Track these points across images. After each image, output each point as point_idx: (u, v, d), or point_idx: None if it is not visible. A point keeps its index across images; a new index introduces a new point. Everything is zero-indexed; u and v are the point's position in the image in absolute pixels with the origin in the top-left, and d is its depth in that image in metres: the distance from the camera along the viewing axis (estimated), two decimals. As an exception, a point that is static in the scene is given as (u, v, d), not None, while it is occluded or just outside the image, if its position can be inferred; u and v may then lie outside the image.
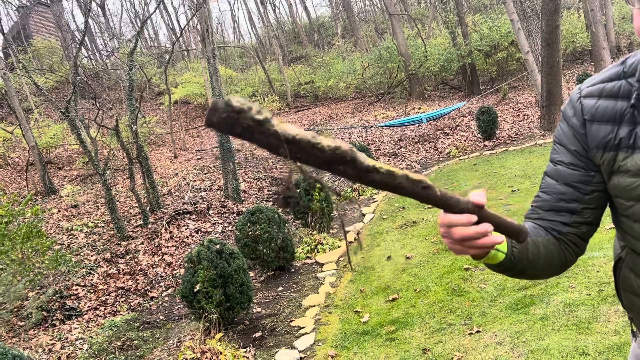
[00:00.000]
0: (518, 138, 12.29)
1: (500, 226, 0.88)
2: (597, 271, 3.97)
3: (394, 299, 4.59)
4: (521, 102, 16.18)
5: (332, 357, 3.80)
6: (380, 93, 21.16)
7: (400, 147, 13.79)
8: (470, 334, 3.60)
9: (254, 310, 5.11)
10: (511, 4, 12.45)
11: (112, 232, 8.99)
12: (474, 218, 0.83)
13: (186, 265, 4.76)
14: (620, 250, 1.24)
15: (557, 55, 11.01)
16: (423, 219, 7.06)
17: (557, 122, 11.26)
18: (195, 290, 4.57)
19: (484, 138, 12.76)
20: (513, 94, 17.45)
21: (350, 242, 6.86)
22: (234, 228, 8.18)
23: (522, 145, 11.25)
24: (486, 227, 0.85)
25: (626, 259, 1.21)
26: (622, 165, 1.06)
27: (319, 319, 4.59)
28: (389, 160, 12.82)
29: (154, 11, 11.83)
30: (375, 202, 9.02)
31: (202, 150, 14.69)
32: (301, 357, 3.92)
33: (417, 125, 14.76)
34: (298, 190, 7.18)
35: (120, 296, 7.24)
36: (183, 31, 23.76)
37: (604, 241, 4.50)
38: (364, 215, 8.23)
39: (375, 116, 17.72)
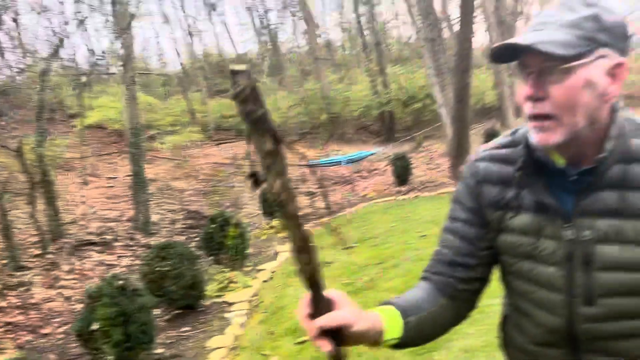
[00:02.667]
0: (430, 185, 12.88)
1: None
2: (495, 318, 4.17)
3: (303, 342, 4.54)
4: (434, 151, 17.06)
5: (235, 402, 3.68)
6: (302, 133, 21.51)
7: (319, 187, 13.98)
8: (375, 378, 3.63)
9: (156, 351, 4.86)
10: (428, 60, 13.26)
11: (4, 262, 8.29)
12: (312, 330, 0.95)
13: (85, 300, 4.46)
14: (506, 308, 1.31)
15: (466, 111, 11.77)
16: (336, 259, 7.13)
17: (466, 172, 11.95)
18: (92, 328, 4.28)
19: (399, 183, 13.26)
20: (427, 143, 18.37)
21: (264, 280, 6.77)
22: (141, 262, 7.82)
23: (433, 192, 11.79)
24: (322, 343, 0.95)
25: (511, 317, 1.28)
26: (509, 224, 1.13)
27: (225, 361, 4.45)
28: (307, 199, 12.93)
29: (74, 32, 11.38)
30: (290, 241, 9.01)
31: (114, 177, 14.07)
32: (202, 402, 3.76)
33: (336, 166, 15.09)
34: (213, 226, 7.05)
35: (8, 332, 6.63)
36: (103, 54, 23.01)
37: (500, 289, 4.75)
38: (278, 253, 8.19)
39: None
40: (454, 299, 1.22)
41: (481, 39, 32.70)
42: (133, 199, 9.52)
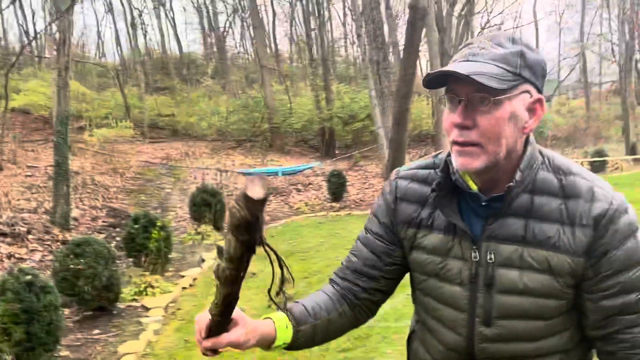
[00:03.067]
0: (362, 204, 13.06)
1: None
2: (412, 339, 4.23)
3: (219, 352, 4.41)
4: (369, 171, 17.37)
5: (140, 412, 3.49)
6: (242, 139, 21.28)
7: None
8: (289, 394, 3.56)
9: (60, 354, 4.55)
10: (372, 81, 13.53)
11: None
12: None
13: (-15, 295, 4.11)
14: (414, 324, 1.35)
15: (404, 135, 12.07)
16: (263, 270, 7.03)
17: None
18: (-10, 325, 3.95)
19: (333, 199, 13.35)
20: (363, 163, 18.68)
21: (184, 287, 6.55)
22: (54, 258, 7.36)
23: (365, 211, 11.95)
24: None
25: (418, 332, 1.32)
26: (421, 242, 1.19)
27: (134, 368, 4.23)
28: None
29: (6, 7, 10.72)
30: (217, 248, 8.80)
31: (34, 166, 13.26)
32: (105, 411, 3.55)
33: (273, 177, 14.99)
34: (136, 227, 6.76)
35: None
36: (37, 36, 21.82)
37: (421, 311, 4.84)
38: (203, 260, 7.97)
39: (233, 162, 17.67)
40: (353, 307, 1.28)
41: (424, 67, 33.86)
42: (53, 190, 8.97)
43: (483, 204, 1.10)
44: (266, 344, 1.13)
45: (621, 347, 1.08)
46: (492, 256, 1.08)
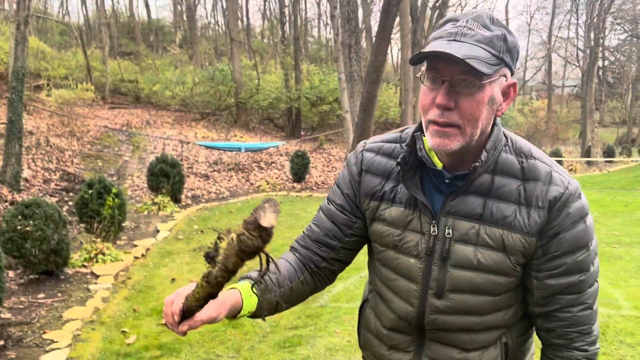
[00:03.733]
0: (324, 186, 13.11)
1: None
2: (361, 321, 4.30)
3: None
4: (333, 155, 17.40)
5: (82, 378, 3.44)
6: (206, 112, 20.91)
7: (214, 171, 13.66)
8: (235, 367, 3.58)
9: (2, 316, 4.42)
10: (342, 64, 13.48)
11: None
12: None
13: None
14: (368, 292, 1.38)
15: (370, 121, 12.13)
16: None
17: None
18: None
19: (294, 180, 13.34)
20: (328, 146, 18.69)
21: (136, 257, 6.45)
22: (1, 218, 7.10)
23: (326, 193, 12.00)
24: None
25: (371, 300, 1.35)
26: (382, 214, 1.21)
27: (79, 334, 4.15)
28: (200, 180, 12.57)
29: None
30: (174, 220, 8.69)
31: (-13, 123, 12.67)
32: (45, 376, 3.48)
33: (235, 152, 14.83)
34: (90, 192, 6.58)
35: None
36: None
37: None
38: (158, 231, 7.86)
39: (196, 134, 17.38)
40: (313, 275, 1.30)
41: (395, 56, 34.00)
42: (4, 149, 8.61)
43: (446, 181, 1.13)
44: (233, 313, 1.13)
45: (560, 324, 1.14)
46: (450, 231, 1.12)
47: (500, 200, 1.09)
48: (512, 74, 1.09)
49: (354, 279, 5.46)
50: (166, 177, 9.72)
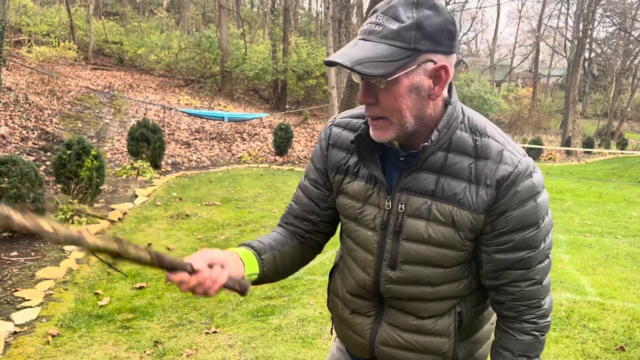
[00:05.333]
0: (305, 161, 13.10)
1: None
2: (334, 294, 4.37)
3: (141, 287, 4.39)
4: (317, 130, 17.34)
5: (53, 336, 3.44)
6: (191, 79, 20.60)
7: (196, 139, 13.54)
8: (207, 333, 3.62)
9: (-27, 272, 4.38)
10: (330, 39, 13.35)
11: None
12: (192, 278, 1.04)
13: None
14: (338, 258, 1.46)
15: (355, 98, 12.10)
16: (197, 214, 6.98)
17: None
18: None
19: (277, 153, 13.30)
20: (312, 121, 18.62)
21: (113, 220, 6.41)
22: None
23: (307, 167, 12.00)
24: (211, 282, 1.06)
25: (338, 267, 1.43)
26: (345, 187, 1.26)
27: (51, 294, 4.14)
28: (180, 147, 12.46)
29: None
30: (153, 186, 8.63)
31: (-37, 76, 12.31)
32: (16, 332, 3.47)
33: (218, 122, 14.69)
34: (69, 152, 6.49)
35: None
36: None
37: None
38: (136, 196, 7.80)
39: (179, 100, 17.14)
40: (302, 243, 1.39)
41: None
42: (-19, 103, 8.40)
43: (401, 158, 1.18)
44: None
45: (509, 298, 1.19)
46: (403, 206, 1.16)
47: (452, 178, 1.12)
48: (447, 54, 1.06)
49: (329, 253, 5.52)
50: (146, 142, 9.61)
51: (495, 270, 1.17)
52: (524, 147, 18.54)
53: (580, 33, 24.94)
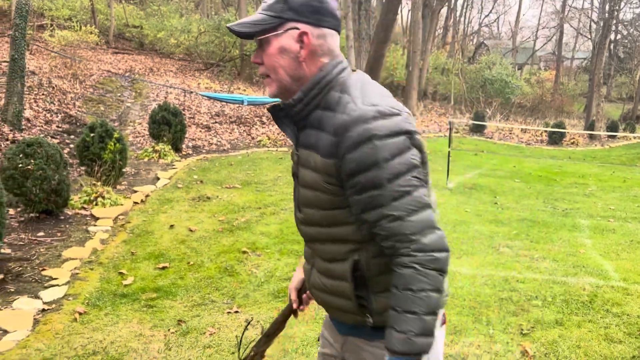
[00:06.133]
0: (324, 145, 13.06)
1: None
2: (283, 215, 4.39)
3: (164, 267, 4.47)
4: (336, 113, 17.25)
5: (80, 313, 3.53)
6: (210, 63, 20.63)
7: (216, 122, 13.60)
8: (229, 313, 3.68)
9: (2, 251, 4.49)
10: (350, 22, 13.24)
11: None
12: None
13: None
14: None
15: (374, 79, 12.00)
16: (218, 196, 7.05)
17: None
18: None
19: (295, 136, 13.29)
20: (331, 104, 18.51)
21: (135, 202, 6.50)
22: (3, 155, 7.10)
23: (326, 152, 11.97)
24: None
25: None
26: (292, 153, 1.47)
27: (77, 273, 4.24)
28: (201, 131, 12.54)
29: None
30: (174, 168, 8.72)
31: (-12, 60, 12.51)
32: (44, 309, 3.57)
33: (237, 105, 14.72)
34: (92, 135, 6.59)
35: None
36: None
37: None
38: (158, 179, 7.90)
39: (199, 84, 17.20)
40: None
41: (404, 16, 33.29)
42: (6, 87, 8.53)
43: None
44: None
45: (381, 235, 1.27)
46: (297, 158, 1.40)
47: (321, 131, 1.31)
48: (314, 25, 1.31)
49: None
50: (168, 126, 9.69)
51: (359, 212, 1.28)
52: (545, 131, 18.23)
53: (607, 14, 24.28)
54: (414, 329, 1.19)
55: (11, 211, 5.51)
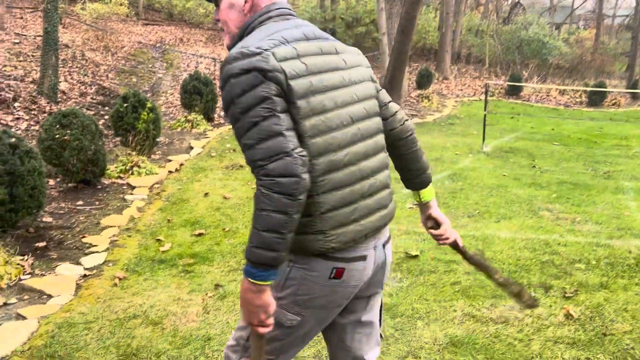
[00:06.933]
0: (356, 111, 12.89)
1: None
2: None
3: (200, 234, 4.51)
4: (367, 79, 16.99)
5: (120, 279, 3.60)
6: (239, 32, 20.47)
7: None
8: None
9: (44, 220, 4.62)
10: (381, -17, 12.86)
11: None
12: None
13: (-33, 153, 4.07)
14: None
15: (408, 44, 11.70)
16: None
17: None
18: (-27, 183, 3.95)
19: (326, 103, 13.14)
20: (362, 70, 18.22)
21: (170, 171, 6.57)
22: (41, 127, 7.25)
23: (357, 118, 11.83)
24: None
25: None
26: None
27: (116, 240, 4.32)
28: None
29: None
30: (207, 138, 8.76)
31: (23, 35, 12.72)
32: (85, 274, 3.65)
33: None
34: (125, 105, 6.64)
35: None
36: None
37: (401, 217, 4.94)
38: (192, 148, 7.95)
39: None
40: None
41: (436, -23, 32.14)
42: (41, 61, 8.66)
43: None
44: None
45: (245, 162, 1.42)
46: None
47: None
48: None
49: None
50: (199, 95, 9.70)
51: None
52: (585, 92, 17.53)
53: (653, -34, 22.88)
54: (253, 242, 1.32)
55: (51, 181, 5.64)
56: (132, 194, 5.57)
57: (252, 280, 1.33)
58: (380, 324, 1.69)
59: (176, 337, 2.83)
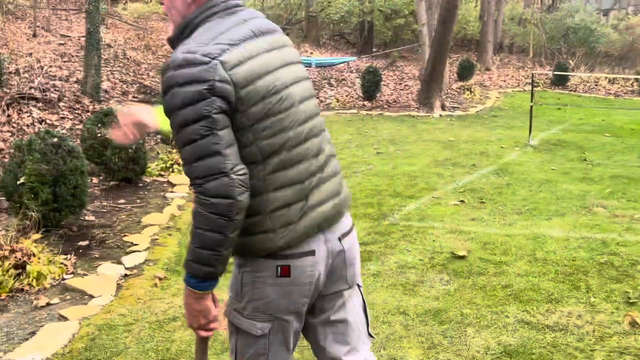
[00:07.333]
0: (395, 105, 12.68)
1: None
2: (434, 240, 4.19)
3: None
4: (406, 72, 16.71)
5: (160, 279, 3.58)
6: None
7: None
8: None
9: (86, 218, 4.66)
10: (420, -27, 12.54)
11: None
12: None
13: (13, 152, 4.13)
14: None
15: (449, 35, 11.37)
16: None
17: (435, 98, 11.73)
18: (18, 182, 4.00)
19: (365, 98, 12.97)
20: (401, 63, 17.94)
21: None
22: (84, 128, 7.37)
23: (397, 112, 11.62)
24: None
25: None
26: None
27: (156, 239, 4.30)
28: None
29: None
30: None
31: (67, 36, 13.03)
32: (126, 274, 3.64)
33: (305, 68, 14.51)
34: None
35: None
36: None
37: (445, 214, 4.76)
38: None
39: (266, 49, 17.09)
40: None
41: (477, -35, 31.32)
42: (85, 61, 8.82)
43: None
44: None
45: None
46: None
47: None
48: None
49: (425, 199, 5.29)
50: (237, 92, 9.71)
51: None
52: (637, 81, 16.70)
53: None
54: (189, 256, 1.35)
55: (94, 180, 5.71)
56: (172, 191, 5.58)
57: (191, 289, 1.37)
58: (367, 323, 1.61)
59: (216, 341, 2.76)
